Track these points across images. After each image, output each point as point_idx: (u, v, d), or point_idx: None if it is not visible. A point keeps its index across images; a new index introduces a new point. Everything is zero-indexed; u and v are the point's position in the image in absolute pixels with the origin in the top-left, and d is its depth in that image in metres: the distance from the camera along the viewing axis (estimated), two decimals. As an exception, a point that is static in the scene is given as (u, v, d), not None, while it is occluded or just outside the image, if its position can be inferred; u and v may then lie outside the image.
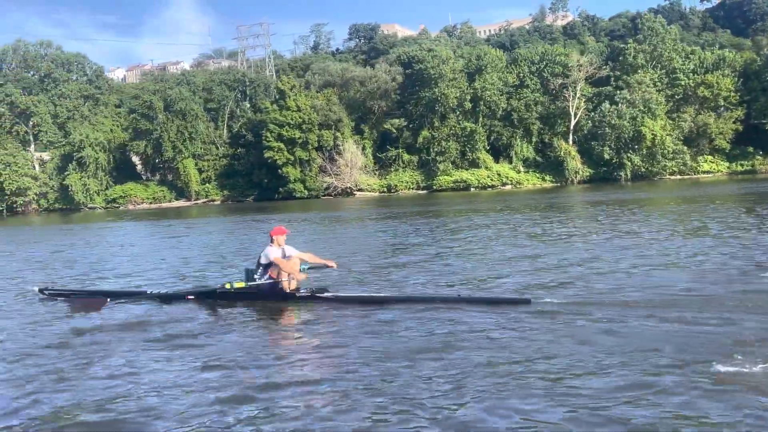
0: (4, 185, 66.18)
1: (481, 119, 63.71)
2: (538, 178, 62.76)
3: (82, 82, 74.49)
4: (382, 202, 49.84)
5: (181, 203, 68.50)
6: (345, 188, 63.35)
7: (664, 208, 25.30)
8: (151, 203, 69.31)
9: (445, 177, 62.71)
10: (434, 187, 62.56)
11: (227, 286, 9.10)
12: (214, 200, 68.44)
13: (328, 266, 9.63)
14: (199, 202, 68.39)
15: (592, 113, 61.89)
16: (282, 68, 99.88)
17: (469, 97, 62.59)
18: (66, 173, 68.11)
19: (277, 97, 66.47)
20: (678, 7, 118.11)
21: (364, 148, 65.06)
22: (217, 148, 70.51)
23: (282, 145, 62.94)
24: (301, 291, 9.11)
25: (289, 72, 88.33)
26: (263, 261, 9.22)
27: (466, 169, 62.99)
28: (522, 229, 18.97)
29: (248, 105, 72.40)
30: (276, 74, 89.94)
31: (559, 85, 63.30)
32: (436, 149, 63.17)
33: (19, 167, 66.91)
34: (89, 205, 68.48)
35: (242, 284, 9.15)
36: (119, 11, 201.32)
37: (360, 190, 63.72)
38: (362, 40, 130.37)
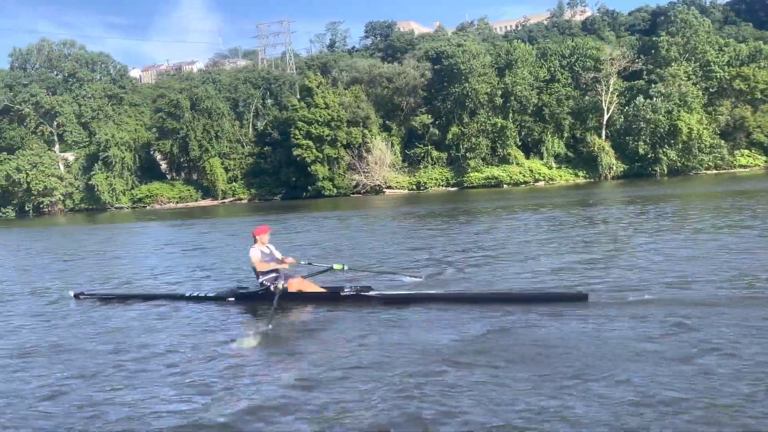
0: (30, 185, 65.59)
1: (511, 115, 62.50)
2: (570, 174, 61.48)
3: (106, 82, 73.85)
4: (414, 199, 48.75)
5: (208, 202, 67.71)
6: (374, 186, 62.37)
7: (709, 203, 24.26)
8: (177, 203, 68.53)
9: (476, 174, 61.52)
10: (465, 184, 61.38)
11: (272, 287, 8.82)
12: (241, 199, 67.56)
13: (287, 264, 9.24)
14: (225, 201, 67.54)
15: (626, 107, 60.58)
16: (299, 66, 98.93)
17: (500, 93, 61.41)
18: (92, 173, 67.46)
19: (303, 94, 65.55)
20: (699, 0, 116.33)
21: (391, 145, 64.02)
22: (243, 146, 69.62)
23: (310, 143, 61.97)
24: (346, 290, 8.90)
25: (307, 70, 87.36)
26: (255, 261, 9.06)
27: (497, 166, 61.84)
28: (570, 226, 18.01)
29: (273, 103, 71.51)
30: (296, 72, 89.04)
31: (591, 79, 62.02)
32: (465, 145, 61.98)
33: (46, 167, 66.30)
34: (116, 205, 67.85)
35: (281, 284, 8.86)
36: (127, 12, 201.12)
37: (389, 187, 62.69)
38: (379, 38, 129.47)
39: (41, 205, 67.89)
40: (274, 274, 8.94)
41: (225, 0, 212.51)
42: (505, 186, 59.63)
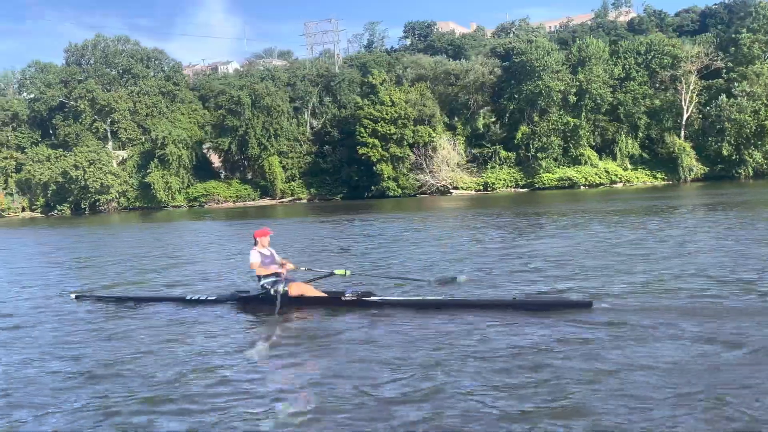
0: (88, 183, 63.86)
1: (584, 113, 59.68)
2: (648, 175, 58.39)
3: (160, 78, 72.05)
4: (485, 201, 45.86)
5: (266, 202, 65.54)
6: (441, 186, 59.84)
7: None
8: (234, 202, 66.52)
9: (548, 175, 58.71)
10: (536, 185, 58.66)
11: (272, 291, 8.66)
12: (300, 199, 65.27)
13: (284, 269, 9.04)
14: (284, 200, 65.34)
15: (706, 107, 57.54)
16: (342, 66, 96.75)
17: (574, 90, 58.64)
18: (148, 171, 65.59)
19: (366, 91, 63.22)
20: None
21: (455, 145, 61.50)
22: (301, 145, 67.44)
23: (376, 141, 59.53)
24: (347, 295, 8.67)
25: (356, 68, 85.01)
26: (254, 263, 8.92)
27: (569, 167, 59.05)
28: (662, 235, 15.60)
29: (331, 101, 69.25)
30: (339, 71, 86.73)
31: (668, 77, 59.08)
32: (536, 145, 59.17)
33: (103, 164, 64.51)
34: (172, 204, 65.91)
35: (282, 287, 8.67)
36: (151, 14, 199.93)
37: (455, 188, 60.16)
38: (418, 38, 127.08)
39: (97, 203, 66.13)
40: (274, 278, 8.77)
41: (246, 3, 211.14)
42: (582, 187, 56.86)
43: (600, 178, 57.38)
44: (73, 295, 10.62)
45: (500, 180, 59.95)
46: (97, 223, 48.52)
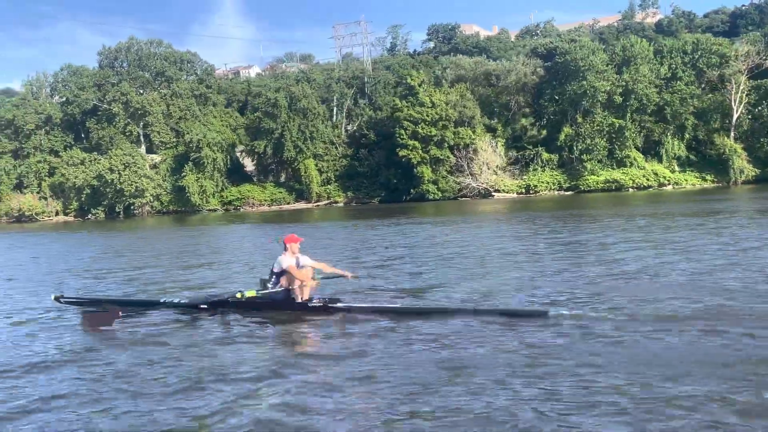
0: (123, 186, 63.00)
1: (629, 114, 58.07)
2: (696, 177, 56.68)
3: (192, 81, 71.19)
4: (529, 204, 44.33)
5: (302, 205, 64.40)
6: (482, 189, 58.41)
7: None
8: (269, 205, 65.44)
9: (593, 177, 57.14)
10: (581, 188, 57.09)
11: (238, 295, 8.83)
12: (336, 202, 64.12)
13: (344, 277, 9.39)
14: (320, 204, 64.18)
15: (757, 108, 55.79)
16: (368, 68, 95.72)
17: (619, 91, 57.07)
18: (182, 174, 64.64)
19: (405, 93, 61.96)
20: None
21: (496, 147, 60.04)
22: (336, 147, 66.31)
23: (417, 143, 58.25)
24: (314, 301, 8.85)
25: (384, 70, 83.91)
26: (276, 269, 9.04)
27: (615, 169, 57.39)
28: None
29: (366, 103, 68.10)
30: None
31: (716, 77, 57.40)
32: (580, 147, 57.66)
33: (138, 168, 63.67)
34: (207, 208, 64.93)
35: (253, 293, 8.92)
36: (165, 20, 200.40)
37: (497, 191, 58.72)
38: (442, 41, 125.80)
39: (132, 207, 65.27)
40: (286, 284, 8.93)
41: (260, 9, 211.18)
42: (629, 190, 55.23)
43: (648, 180, 55.69)
44: (52, 296, 10.44)
45: (543, 182, 58.40)
46: (133, 227, 47.52)
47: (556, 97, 60.75)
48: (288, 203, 64.96)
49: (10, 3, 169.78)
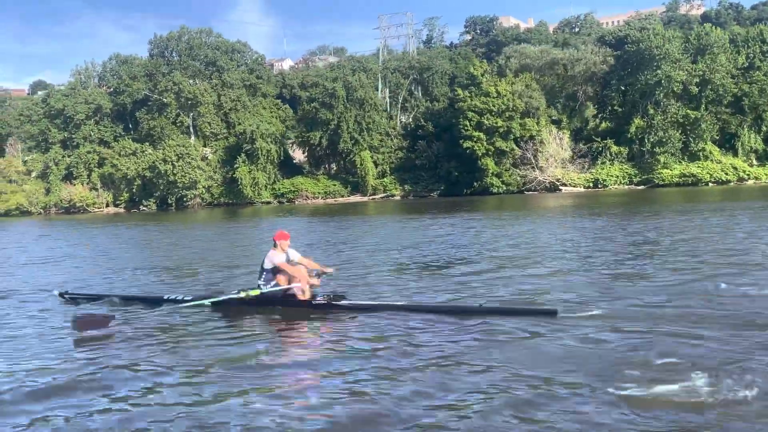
0: (176, 178, 61.28)
1: (703, 105, 55.17)
2: (776, 172, 53.81)
3: (243, 71, 69.24)
4: (601, 198, 41.59)
5: (357, 198, 62.25)
6: (548, 183, 55.86)
7: None
8: (323, 198, 63.40)
9: (666, 171, 54.35)
10: (655, 181, 54.32)
11: (242, 294, 8.65)
12: (393, 195, 61.89)
13: (325, 273, 9.21)
14: (376, 197, 61.99)
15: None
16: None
17: (696, 81, 54.18)
18: (235, 166, 62.82)
19: (467, 83, 59.49)
20: None
21: (562, 139, 57.41)
22: (392, 139, 64.08)
23: (481, 135, 55.81)
24: (318, 298, 8.59)
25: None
26: (267, 266, 8.81)
27: (690, 162, 54.52)
28: None
29: (422, 93, 65.77)
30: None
31: (798, 66, 54.31)
32: (652, 140, 54.88)
33: (192, 159, 61.91)
34: (261, 200, 63.04)
35: (257, 292, 8.67)
36: (186, 15, 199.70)
37: (563, 185, 56.13)
38: (480, 34, 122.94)
39: (184, 199, 63.57)
40: (278, 281, 8.73)
41: (281, 3, 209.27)
42: (707, 185, 52.39)
43: (726, 174, 52.78)
44: (56, 292, 10.35)
45: (612, 176, 55.66)
46: (189, 219, 45.70)
47: (623, 88, 58.02)
48: (342, 196, 62.87)
49: None
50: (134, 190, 64.50)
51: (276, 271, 8.74)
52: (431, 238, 18.74)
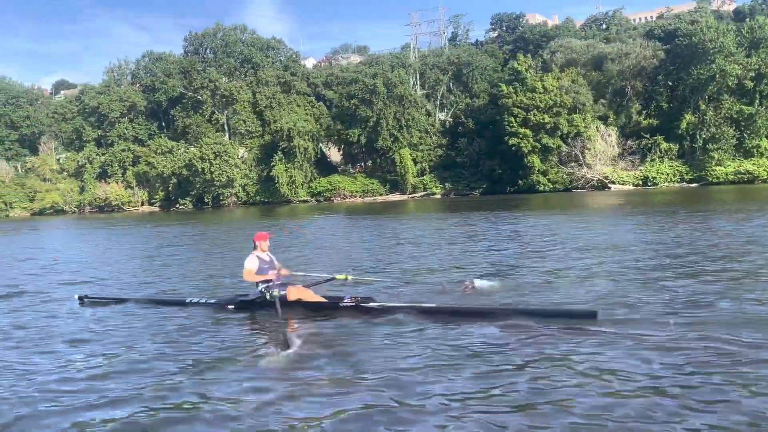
0: (214, 176, 60.15)
1: (758, 100, 53.10)
2: (835, 169, 51.63)
3: (278, 68, 67.99)
4: (654, 197, 39.68)
5: (396, 197, 60.79)
6: (598, 181, 54.05)
7: None
8: (361, 197, 62.01)
9: (720, 168, 52.36)
10: (708, 179, 52.35)
11: (267, 296, 8.50)
12: (433, 194, 60.38)
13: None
14: (416, 195, 60.51)
15: None
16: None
17: (751, 75, 52.16)
18: (271, 164, 61.60)
19: (510, 78, 57.84)
20: None
21: (609, 135, 55.54)
22: (431, 137, 62.58)
23: (527, 131, 54.16)
24: (345, 300, 8.44)
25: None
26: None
27: (745, 159, 52.53)
28: None
29: (462, 89, 64.19)
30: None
31: None
32: (704, 136, 52.92)
33: (229, 157, 60.76)
34: (298, 199, 61.78)
35: (276, 293, 8.47)
36: (200, 14, 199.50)
37: (612, 182, 54.30)
38: (506, 30, 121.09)
39: (220, 197, 62.45)
40: (269, 283, 8.59)
41: (295, 3, 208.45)
42: (765, 182, 50.34)
43: (786, 172, 50.76)
44: (76, 296, 10.30)
45: (662, 174, 53.73)
46: (230, 218, 44.41)
47: (670, 83, 56.12)
48: (380, 195, 61.45)
49: None
50: (170, 189, 63.47)
51: (264, 271, 8.61)
52: (511, 237, 17.53)
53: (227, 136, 65.70)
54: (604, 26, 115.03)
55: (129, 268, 15.44)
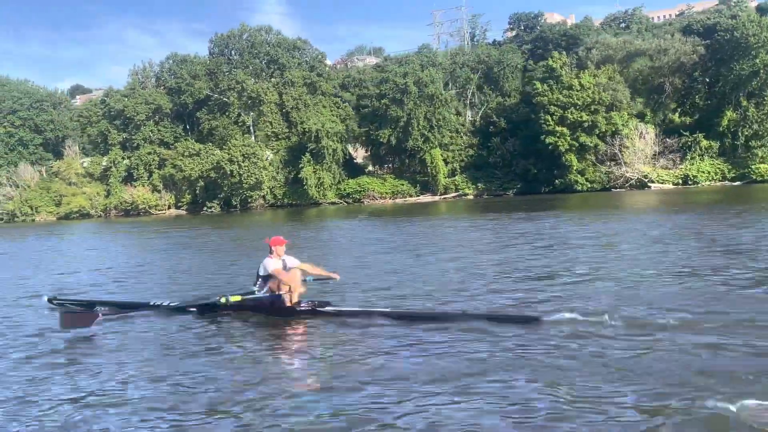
0: (242, 179, 59.09)
1: (801, 97, 51.50)
2: None
3: (304, 69, 66.92)
4: (697, 196, 38.33)
5: (428, 198, 59.52)
6: (637, 180, 52.58)
7: None
8: (392, 198, 60.78)
9: (764, 166, 50.72)
10: (752, 177, 50.68)
11: (223, 300, 8.62)
12: (466, 194, 59.08)
13: (331, 278, 9.21)
14: (448, 197, 59.23)
15: None
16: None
17: (795, 70, 50.57)
18: (300, 166, 60.46)
19: (545, 76, 56.47)
20: None
21: (647, 133, 54.06)
22: (461, 136, 61.30)
23: (565, 130, 52.77)
24: (302, 305, 8.57)
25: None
26: (262, 273, 8.78)
27: (788, 156, 50.94)
28: None
29: (492, 88, 62.88)
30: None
31: None
32: (746, 133, 51.40)
33: (258, 159, 59.69)
34: (328, 201, 60.61)
35: (239, 297, 8.69)
36: (209, 19, 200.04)
37: (651, 181, 52.83)
38: (524, 30, 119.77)
39: (249, 200, 61.40)
40: (274, 288, 8.65)
41: (303, 6, 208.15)
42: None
43: (833, 169, 49.12)
44: (45, 298, 10.37)
45: (703, 173, 52.21)
46: (263, 221, 43.41)
47: (708, 79, 54.63)
48: (411, 196, 60.21)
49: (62, 4, 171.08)
50: (197, 192, 62.51)
51: (269, 278, 8.65)
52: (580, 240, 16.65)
53: (253, 137, 64.66)
54: (624, 24, 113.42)
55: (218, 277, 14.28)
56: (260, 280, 8.79)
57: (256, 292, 8.75)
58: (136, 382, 6.11)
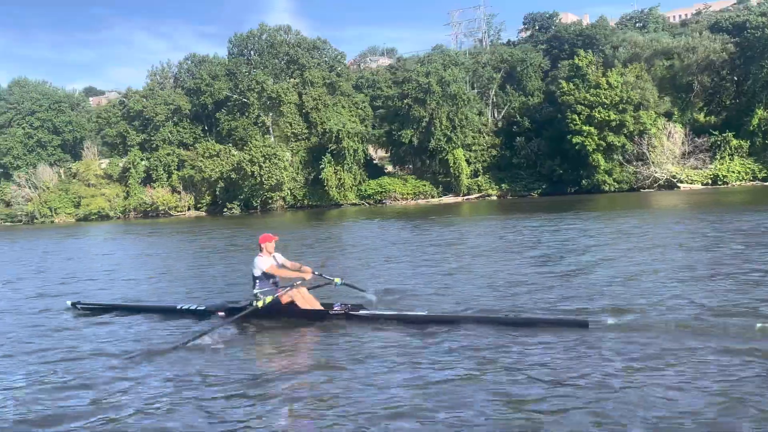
0: (263, 179, 58.48)
1: (833, 95, 50.40)
2: None
3: (323, 69, 66.30)
4: (729, 196, 37.49)
5: (450, 199, 58.70)
6: (666, 180, 51.60)
7: None
8: (414, 199, 60.00)
9: (795, 165, 49.82)
10: (785, 177, 49.74)
11: (259, 303, 8.40)
12: (489, 195, 58.23)
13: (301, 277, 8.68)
14: (471, 197, 58.40)
15: None
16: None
17: (829, 67, 49.46)
18: (320, 167, 59.83)
19: (570, 74, 55.58)
20: None
21: (676, 132, 53.05)
22: (484, 136, 60.47)
23: (592, 129, 51.85)
24: (335, 308, 8.45)
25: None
26: (256, 273, 8.61)
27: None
28: None
29: (514, 87, 62.03)
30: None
31: None
32: (777, 132, 50.41)
33: (279, 160, 59.07)
34: (350, 202, 59.91)
35: (270, 299, 8.46)
36: (218, 22, 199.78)
37: (680, 182, 51.83)
38: (539, 30, 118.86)
39: (270, 201, 60.78)
40: (274, 286, 8.55)
41: (311, 8, 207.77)
42: None
43: None
44: (69, 302, 10.45)
45: (733, 173, 51.18)
46: (289, 223, 42.70)
47: (737, 78, 53.59)
48: (433, 197, 59.42)
49: (70, 6, 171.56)
50: (217, 193, 61.96)
51: (267, 276, 8.53)
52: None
53: (272, 138, 64.07)
54: (640, 24, 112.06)
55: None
56: (259, 281, 8.66)
57: (259, 295, 8.56)
58: (159, 387, 6.18)
